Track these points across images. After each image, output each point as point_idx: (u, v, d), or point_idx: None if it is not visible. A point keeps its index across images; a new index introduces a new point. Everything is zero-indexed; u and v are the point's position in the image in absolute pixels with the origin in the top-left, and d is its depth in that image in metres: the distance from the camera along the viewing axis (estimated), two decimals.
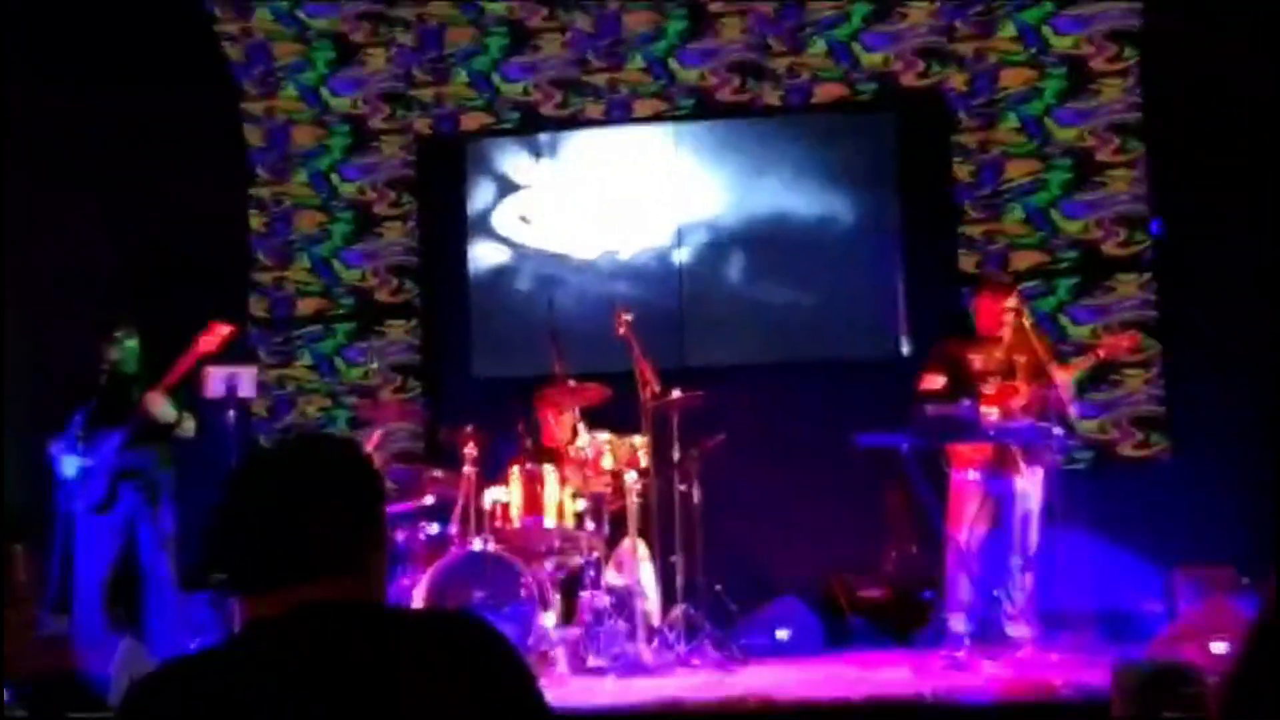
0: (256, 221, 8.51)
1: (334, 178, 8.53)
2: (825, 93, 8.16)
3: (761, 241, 8.23)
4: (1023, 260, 7.89)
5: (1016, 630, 6.08)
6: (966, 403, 5.97)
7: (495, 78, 8.42)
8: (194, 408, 6.48)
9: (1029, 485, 6.19)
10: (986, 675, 5.59)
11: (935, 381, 6.27)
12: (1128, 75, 7.84)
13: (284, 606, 1.61)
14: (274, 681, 1.54)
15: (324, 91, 8.55)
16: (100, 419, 6.38)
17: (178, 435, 6.45)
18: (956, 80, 8.02)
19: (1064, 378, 6.14)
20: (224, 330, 6.38)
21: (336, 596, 1.63)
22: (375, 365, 7.85)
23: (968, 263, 7.94)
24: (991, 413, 6.03)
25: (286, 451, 1.79)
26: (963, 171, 7.99)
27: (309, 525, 1.64)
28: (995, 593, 6.05)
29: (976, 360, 6.32)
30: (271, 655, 1.57)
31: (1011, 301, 6.57)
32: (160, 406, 6.33)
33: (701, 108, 8.28)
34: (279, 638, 1.59)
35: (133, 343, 6.55)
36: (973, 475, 6.20)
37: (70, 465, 6.26)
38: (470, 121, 8.48)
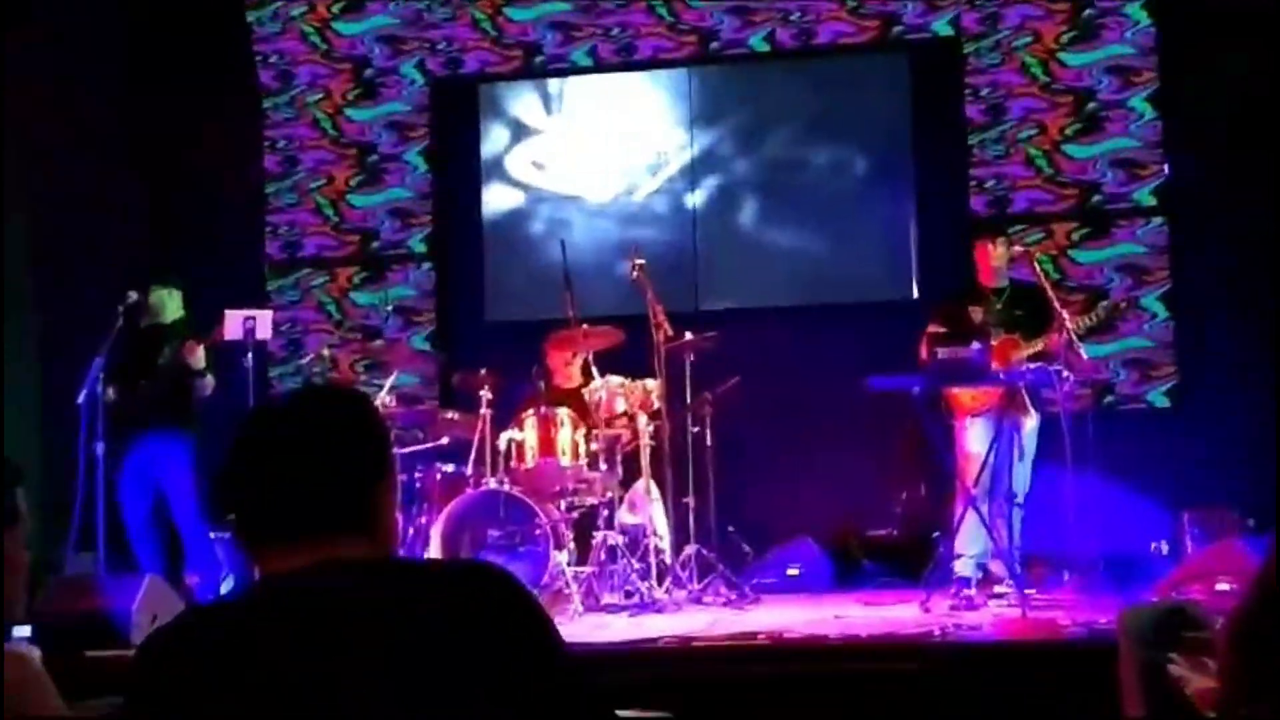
0: (270, 164, 8.55)
1: (346, 118, 8.53)
2: (838, 35, 8.11)
3: (775, 185, 8.24)
4: (1032, 204, 7.88)
5: (996, 567, 6.16)
6: (977, 346, 6.01)
7: (506, 20, 8.39)
8: (215, 368, 6.59)
9: (1033, 429, 6.24)
10: (994, 615, 5.67)
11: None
12: (1140, 15, 7.78)
13: (296, 562, 1.60)
14: (288, 638, 1.53)
15: (332, 33, 8.53)
16: (131, 363, 6.49)
17: (199, 388, 6.56)
18: (968, 21, 7.96)
19: (1071, 325, 6.16)
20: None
21: (348, 551, 1.61)
22: (390, 307, 7.90)
23: (979, 206, 7.94)
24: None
25: (295, 405, 1.75)
26: (974, 113, 7.96)
27: (319, 480, 1.63)
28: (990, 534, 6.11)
29: (976, 313, 6.35)
30: (286, 611, 1.56)
31: (1018, 248, 6.60)
32: (196, 355, 6.45)
33: (715, 51, 8.24)
34: (293, 593, 1.58)
35: (173, 293, 6.67)
36: (977, 421, 6.24)
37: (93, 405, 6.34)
38: (481, 64, 8.46)
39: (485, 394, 6.60)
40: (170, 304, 6.73)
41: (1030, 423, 6.22)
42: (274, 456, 1.65)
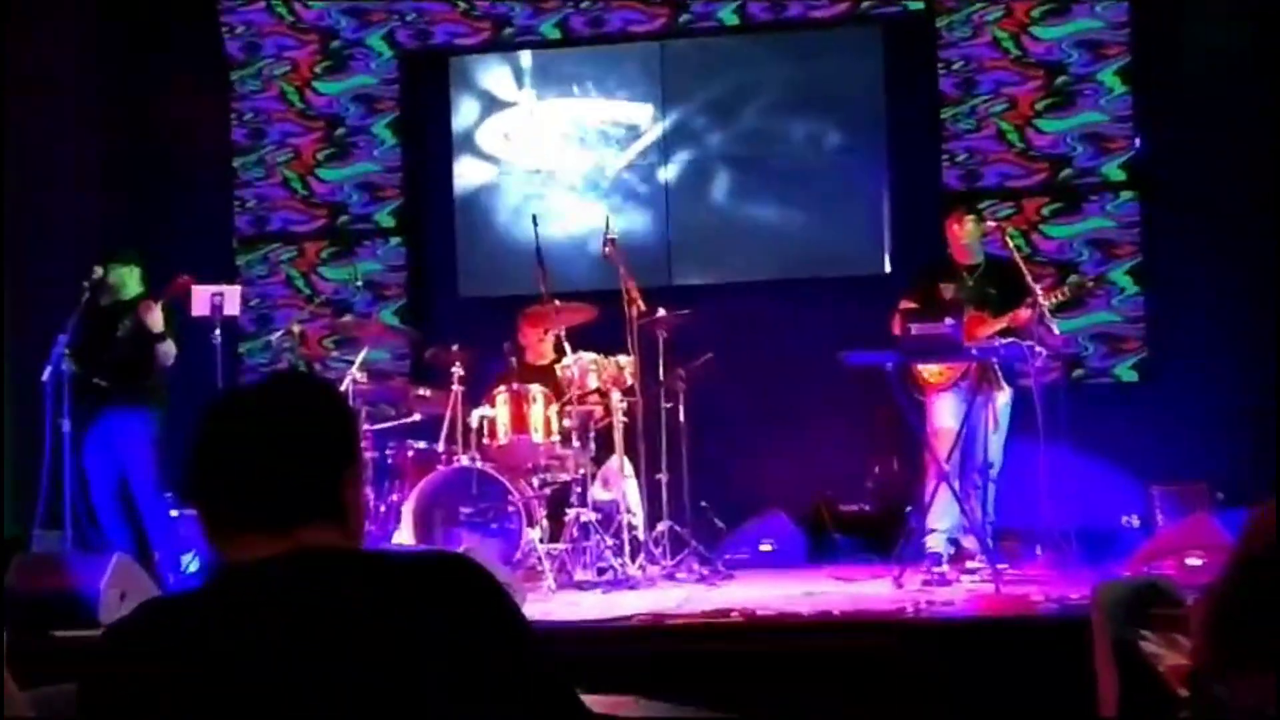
0: (238, 137, 8.45)
1: (314, 91, 8.43)
2: (810, 8, 8.07)
3: (747, 159, 8.20)
4: (1003, 178, 7.87)
5: (968, 542, 6.18)
6: (950, 322, 6.00)
7: None
8: (177, 334, 6.49)
9: (1006, 403, 6.26)
10: (966, 591, 5.69)
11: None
12: None
13: (262, 550, 1.57)
14: (255, 630, 1.51)
15: (300, 4, 8.43)
16: (91, 339, 6.41)
17: (160, 355, 6.46)
18: None
19: (1045, 300, 6.16)
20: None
21: (314, 542, 1.59)
22: (360, 283, 7.83)
23: (952, 180, 7.92)
24: None
25: (260, 392, 1.71)
26: (947, 87, 7.94)
27: (285, 468, 1.60)
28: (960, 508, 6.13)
29: (948, 290, 6.35)
30: (252, 602, 1.53)
31: (990, 223, 6.60)
32: (153, 315, 6.35)
33: (686, 24, 8.18)
34: (260, 584, 1.55)
35: (132, 270, 6.58)
36: (946, 395, 6.25)
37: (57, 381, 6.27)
38: (451, 36, 8.37)
39: (457, 370, 6.57)
40: (130, 280, 6.63)
41: (1003, 397, 6.25)
42: (239, 444, 1.61)
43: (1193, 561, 5.26)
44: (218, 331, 6.40)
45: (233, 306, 6.59)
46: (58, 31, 7.98)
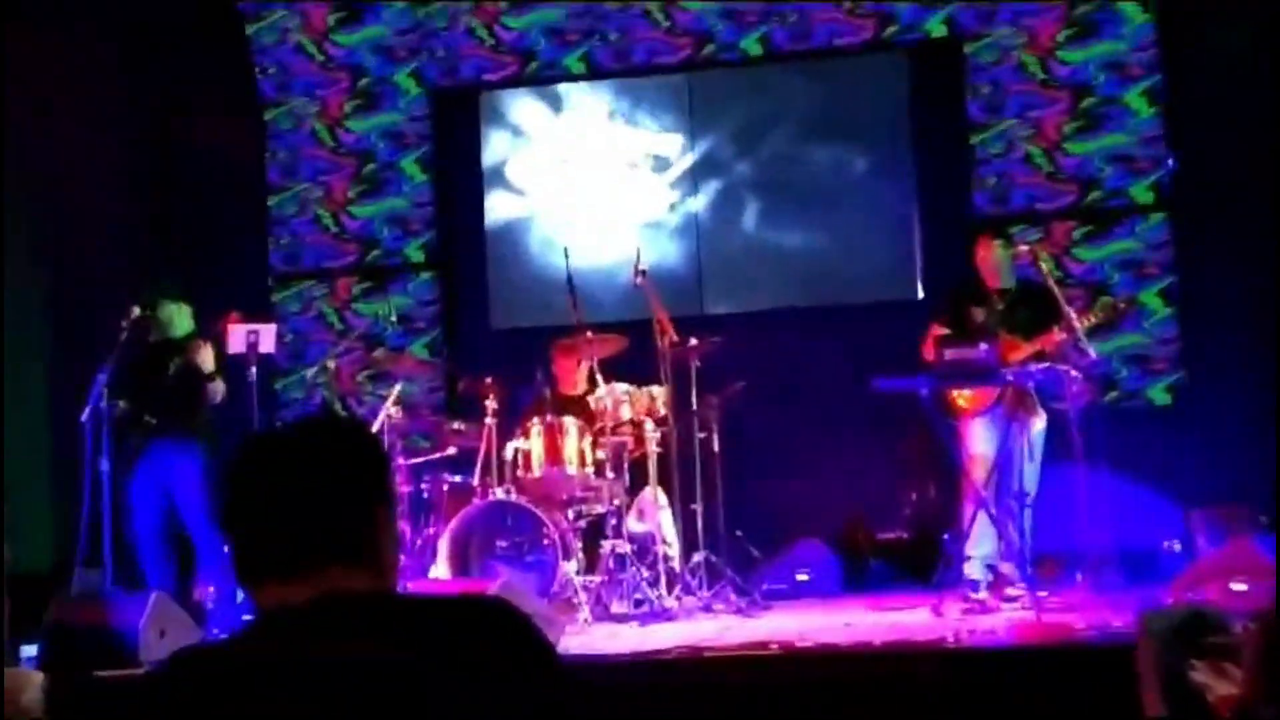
0: (272, 174, 8.54)
1: (345, 129, 8.51)
2: (834, 35, 8.08)
3: (777, 187, 8.21)
4: (1032, 201, 7.85)
5: (1007, 569, 6.12)
6: (984, 347, 5.97)
7: (503, 27, 8.36)
8: (225, 373, 6.54)
9: (1041, 429, 6.21)
10: (1007, 619, 5.63)
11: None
12: (1135, 11, 7.75)
13: (295, 595, 1.56)
14: (287, 682, 1.50)
15: (330, 43, 8.52)
16: (141, 377, 6.46)
17: (210, 393, 6.51)
18: (965, 19, 7.94)
19: (1079, 323, 6.11)
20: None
21: (348, 584, 1.57)
22: (394, 317, 7.86)
23: (982, 204, 7.91)
24: None
25: (291, 435, 1.69)
26: (975, 111, 7.93)
27: (317, 511, 1.59)
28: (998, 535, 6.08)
29: (978, 314, 6.32)
30: (285, 653, 1.52)
31: (1023, 247, 6.57)
32: (204, 354, 6.41)
33: (712, 55, 8.21)
34: (295, 631, 1.54)
35: (181, 308, 6.63)
36: (980, 420, 6.21)
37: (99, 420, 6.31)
38: (479, 72, 8.44)
39: (490, 403, 6.57)
40: (180, 319, 6.68)
41: (1039, 424, 6.19)
42: (270, 489, 1.60)
43: (1237, 587, 5.19)
44: (253, 369, 6.44)
45: (268, 344, 6.62)
46: (93, 77, 8.09)
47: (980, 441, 6.19)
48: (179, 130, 8.42)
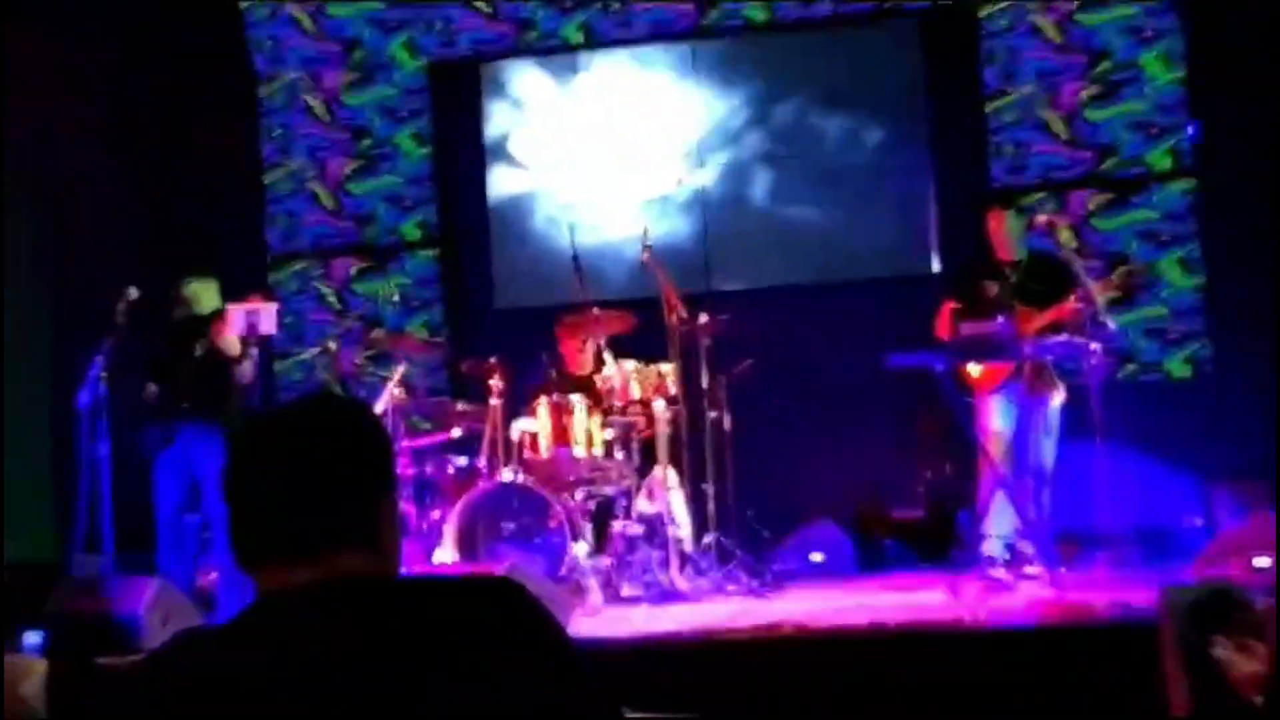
0: (268, 152, 8.44)
1: (341, 104, 8.40)
2: (841, 4, 7.95)
3: (786, 160, 8.08)
4: (1049, 170, 7.71)
5: (1025, 547, 6.01)
6: (1001, 320, 5.85)
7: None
8: (248, 350, 6.45)
9: (1059, 404, 6.09)
10: (1024, 597, 5.52)
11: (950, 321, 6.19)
12: None
13: (296, 578, 1.54)
14: (289, 663, 1.46)
15: (324, 16, 8.40)
16: (168, 356, 6.38)
17: (237, 374, 6.42)
18: None
19: (1098, 295, 5.98)
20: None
21: (349, 569, 1.55)
22: (395, 297, 7.77)
23: (998, 174, 7.77)
24: None
25: (292, 416, 1.66)
26: (990, 79, 7.78)
27: (318, 494, 1.56)
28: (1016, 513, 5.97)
29: (991, 288, 6.19)
30: (286, 635, 1.49)
31: (1041, 218, 6.44)
32: (228, 338, 6.32)
33: (717, 22, 8.08)
34: (293, 616, 1.51)
35: (207, 284, 6.53)
36: (996, 396, 6.09)
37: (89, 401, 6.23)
38: (478, 43, 8.31)
39: (495, 383, 6.48)
40: (206, 295, 6.57)
41: (1057, 398, 6.08)
42: (271, 470, 1.58)
43: (1260, 563, 5.08)
44: (254, 350, 6.34)
45: (269, 324, 6.52)
46: (86, 51, 8.00)
47: (997, 418, 6.09)
48: (175, 109, 8.31)
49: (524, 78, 8.36)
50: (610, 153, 8.25)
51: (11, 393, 7.17)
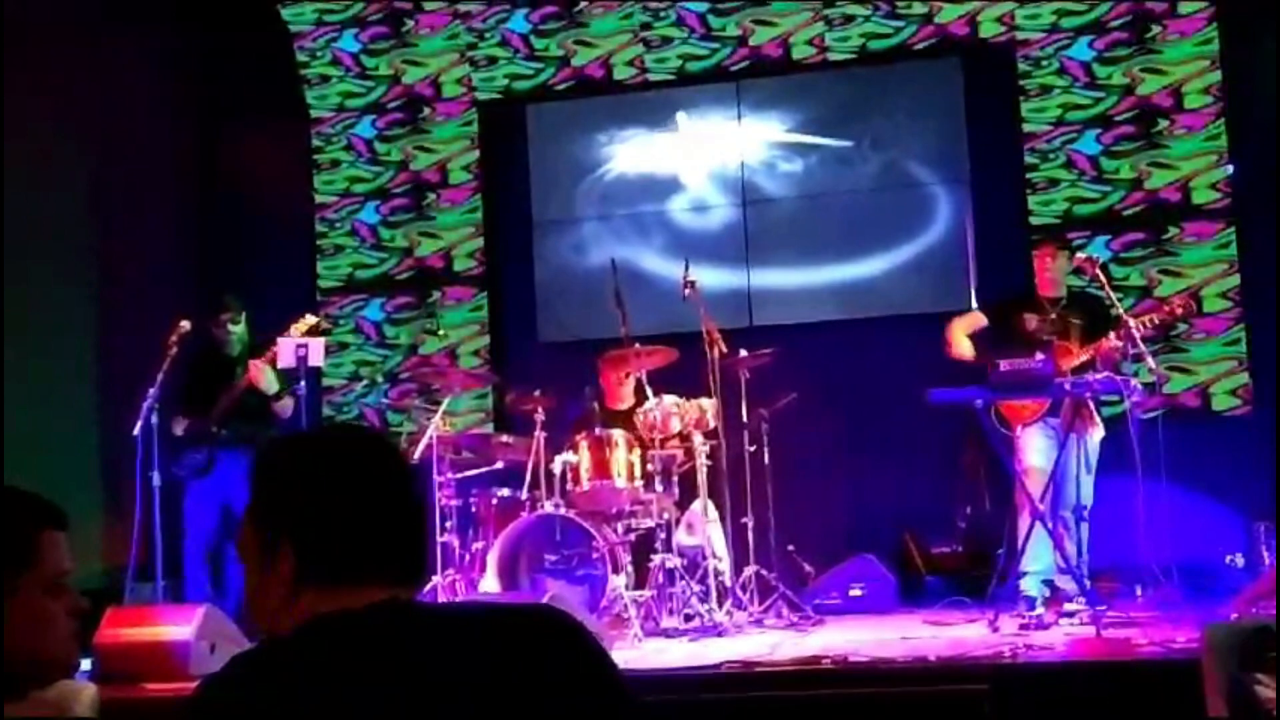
0: (318, 190, 8.58)
1: (395, 144, 8.54)
2: (887, 40, 8.02)
3: (827, 196, 8.13)
4: (1093, 209, 7.73)
5: (1064, 583, 5.99)
6: (1040, 357, 5.86)
7: (546, 39, 8.37)
8: (291, 388, 6.56)
9: (1098, 441, 6.09)
10: (1065, 634, 5.51)
11: (963, 328, 6.21)
12: (1203, 14, 7.62)
13: (351, 603, 1.54)
14: (348, 684, 1.47)
15: (377, 59, 8.55)
16: (203, 391, 6.49)
17: (278, 412, 6.55)
18: (1022, 22, 7.84)
19: (1137, 332, 5.99)
20: (311, 319, 6.54)
21: (398, 594, 1.57)
22: (443, 332, 7.87)
23: (1039, 213, 7.79)
24: None
25: (374, 441, 1.68)
26: (1032, 118, 7.82)
27: (417, 526, 1.62)
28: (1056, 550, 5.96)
29: (1030, 321, 6.22)
30: (345, 655, 1.50)
31: (1081, 255, 6.47)
32: (265, 377, 6.43)
33: (761, 61, 8.17)
34: (351, 636, 1.51)
35: (240, 325, 6.68)
36: (1034, 431, 6.10)
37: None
38: (527, 85, 8.44)
39: (539, 416, 6.54)
40: (236, 335, 6.73)
41: (1097, 435, 6.08)
42: (391, 490, 1.61)
43: None
44: (303, 383, 6.45)
45: (317, 357, 6.63)
46: (143, 89, 8.16)
47: (1036, 454, 6.09)
48: (225, 143, 8.48)
49: (569, 117, 8.47)
50: (653, 189, 8.34)
51: (61, 422, 7.30)
